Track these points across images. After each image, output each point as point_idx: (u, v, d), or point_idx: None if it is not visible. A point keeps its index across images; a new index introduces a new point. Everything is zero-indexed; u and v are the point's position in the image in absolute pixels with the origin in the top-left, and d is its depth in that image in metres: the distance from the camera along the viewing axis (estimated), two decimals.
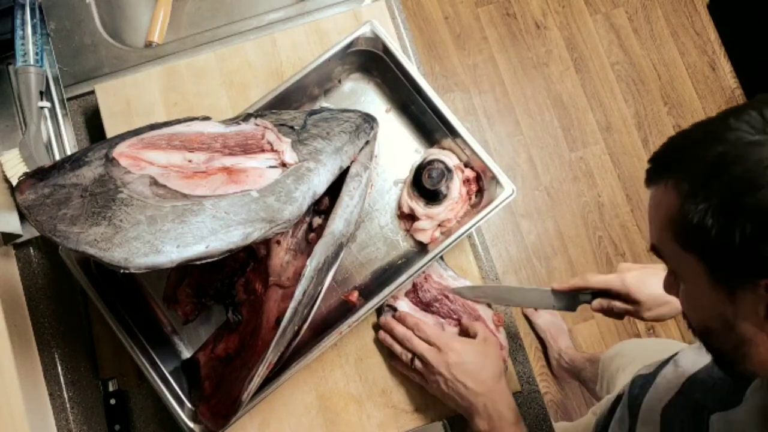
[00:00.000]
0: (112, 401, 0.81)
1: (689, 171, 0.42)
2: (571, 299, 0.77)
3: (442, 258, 0.83)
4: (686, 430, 0.56)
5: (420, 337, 0.74)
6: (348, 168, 0.74)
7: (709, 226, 0.40)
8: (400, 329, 0.76)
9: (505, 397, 0.70)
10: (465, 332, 0.77)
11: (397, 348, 0.76)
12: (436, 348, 0.72)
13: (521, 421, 0.69)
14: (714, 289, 0.43)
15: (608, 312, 0.75)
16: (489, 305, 0.82)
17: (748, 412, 0.50)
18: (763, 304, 0.40)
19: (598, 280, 0.74)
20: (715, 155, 0.41)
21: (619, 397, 0.78)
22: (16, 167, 0.82)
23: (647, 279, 0.71)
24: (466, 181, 0.82)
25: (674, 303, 0.70)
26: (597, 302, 0.75)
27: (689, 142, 0.44)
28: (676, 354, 0.69)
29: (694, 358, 0.65)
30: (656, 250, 0.49)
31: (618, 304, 0.73)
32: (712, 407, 0.54)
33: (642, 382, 0.72)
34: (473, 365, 0.70)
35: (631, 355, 1.02)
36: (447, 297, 0.81)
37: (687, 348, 0.69)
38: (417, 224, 0.82)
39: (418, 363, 0.74)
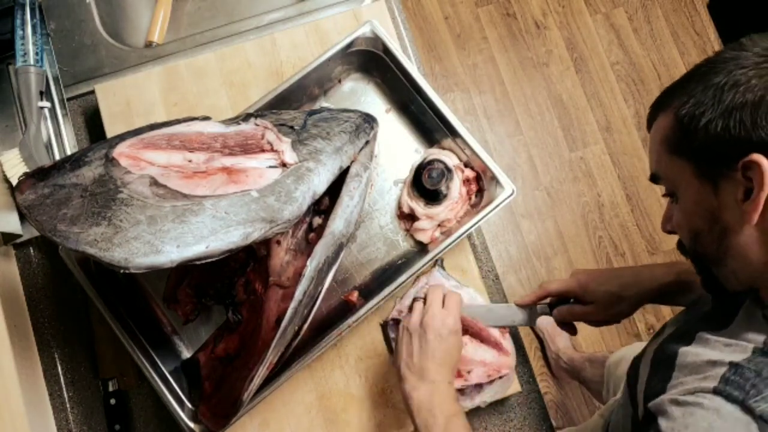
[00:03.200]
0: (112, 401, 0.81)
1: (682, 91, 0.51)
2: (530, 313, 0.77)
3: (443, 267, 0.83)
4: (674, 344, 0.57)
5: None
6: (348, 168, 0.74)
7: (696, 123, 0.48)
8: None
9: (450, 380, 0.69)
10: None
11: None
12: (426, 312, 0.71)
13: (458, 403, 0.68)
14: (701, 186, 0.50)
15: (569, 318, 0.76)
16: None
17: (735, 324, 0.53)
18: (741, 188, 0.47)
19: (556, 284, 0.76)
20: (701, 73, 0.50)
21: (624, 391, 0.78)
22: (16, 167, 0.82)
23: (603, 279, 0.74)
24: (466, 181, 0.82)
25: (629, 300, 0.73)
26: (557, 311, 0.76)
27: (682, 78, 0.53)
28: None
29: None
30: (655, 177, 0.56)
31: (577, 308, 0.75)
32: (702, 328, 0.56)
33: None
34: (455, 349, 0.69)
35: None
36: None
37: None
38: (417, 224, 0.82)
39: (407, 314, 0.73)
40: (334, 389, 0.80)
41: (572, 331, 0.78)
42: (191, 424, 0.72)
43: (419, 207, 0.81)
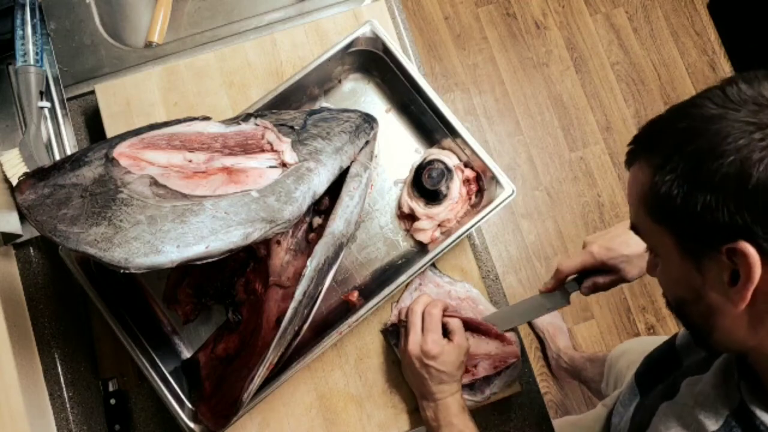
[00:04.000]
0: (112, 401, 0.81)
1: (659, 147, 0.45)
2: (560, 295, 0.77)
3: (434, 266, 0.83)
4: (663, 390, 0.58)
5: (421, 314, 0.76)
6: (348, 168, 0.74)
7: (674, 195, 0.42)
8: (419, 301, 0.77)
9: (455, 391, 0.73)
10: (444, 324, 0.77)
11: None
12: (422, 335, 0.74)
13: (466, 410, 0.73)
14: (683, 260, 0.45)
15: (597, 290, 0.75)
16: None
17: (712, 373, 0.53)
18: (727, 271, 0.42)
19: (571, 265, 0.75)
20: (681, 129, 0.43)
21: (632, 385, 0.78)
22: (16, 167, 0.82)
23: (613, 244, 0.72)
24: (466, 181, 0.82)
25: None
26: (584, 287, 0.75)
27: (662, 122, 0.47)
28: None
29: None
30: (635, 228, 0.51)
31: (600, 280, 0.74)
32: (688, 372, 0.57)
33: (652, 361, 0.74)
34: (444, 367, 0.72)
35: (639, 352, 1.02)
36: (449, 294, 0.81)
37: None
38: (417, 224, 0.82)
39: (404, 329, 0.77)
40: (334, 389, 0.80)
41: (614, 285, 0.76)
42: (191, 424, 0.72)
43: (419, 207, 0.81)
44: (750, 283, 0.40)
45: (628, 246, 0.71)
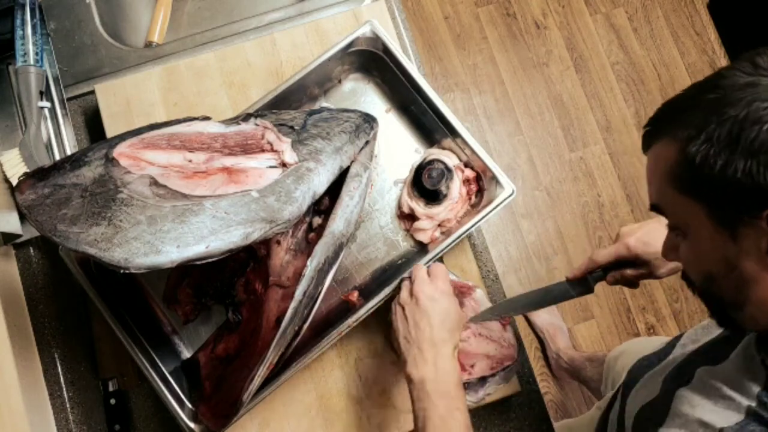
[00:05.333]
0: (112, 401, 0.81)
1: (686, 121, 0.45)
2: (585, 282, 0.75)
3: (441, 262, 0.83)
4: (672, 382, 0.57)
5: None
6: (348, 168, 0.74)
7: (711, 163, 0.42)
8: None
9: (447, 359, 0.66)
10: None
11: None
12: (411, 287, 0.70)
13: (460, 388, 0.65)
14: (716, 231, 0.45)
15: (623, 283, 0.74)
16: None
17: (732, 361, 0.52)
18: (765, 238, 0.42)
19: (605, 255, 0.73)
20: (710, 101, 0.43)
21: (620, 388, 0.78)
22: (16, 167, 0.82)
23: (650, 238, 0.71)
24: (466, 181, 0.82)
25: None
26: (610, 276, 0.74)
27: (682, 100, 0.47)
28: (680, 337, 0.70)
29: (695, 338, 0.67)
30: (657, 208, 0.51)
31: (629, 272, 0.72)
32: (701, 362, 0.56)
33: (646, 363, 0.73)
34: (439, 304, 0.68)
35: (636, 353, 1.02)
36: None
37: (690, 331, 0.70)
38: (417, 224, 0.82)
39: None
40: (334, 389, 0.80)
41: (635, 285, 0.74)
42: (191, 424, 0.72)
43: (419, 207, 0.81)
44: None
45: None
